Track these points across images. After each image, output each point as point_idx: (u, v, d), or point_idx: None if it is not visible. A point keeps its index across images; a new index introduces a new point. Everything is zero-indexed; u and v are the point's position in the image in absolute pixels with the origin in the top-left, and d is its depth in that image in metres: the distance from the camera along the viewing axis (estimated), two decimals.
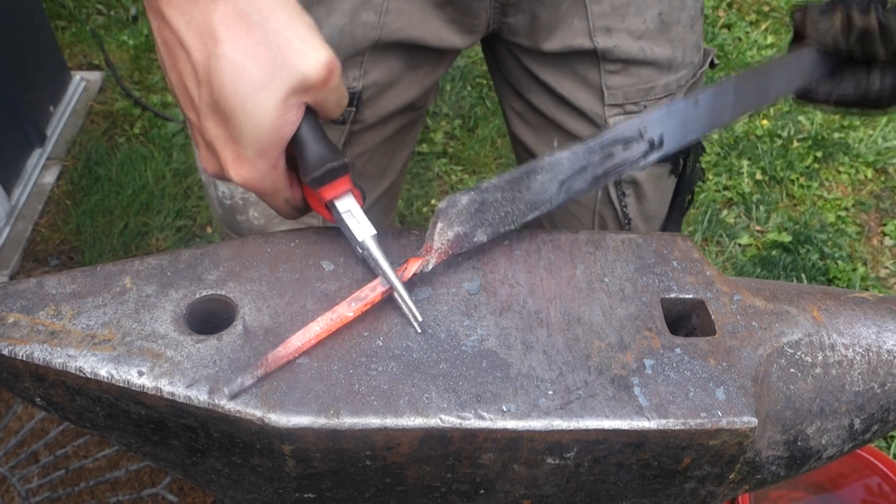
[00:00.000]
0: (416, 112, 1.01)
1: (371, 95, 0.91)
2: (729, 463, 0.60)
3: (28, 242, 2.13)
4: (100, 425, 0.62)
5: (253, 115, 0.56)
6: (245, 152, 0.58)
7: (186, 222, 2.22)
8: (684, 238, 0.71)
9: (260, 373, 0.57)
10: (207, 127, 0.58)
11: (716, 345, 0.62)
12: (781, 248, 2.25)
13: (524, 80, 0.99)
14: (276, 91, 0.55)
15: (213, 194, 1.01)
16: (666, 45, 0.93)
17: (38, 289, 0.62)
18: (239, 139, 0.57)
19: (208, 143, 0.59)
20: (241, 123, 0.56)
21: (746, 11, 3.16)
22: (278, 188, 0.61)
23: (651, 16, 0.91)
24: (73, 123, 2.44)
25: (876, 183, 2.49)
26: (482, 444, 0.57)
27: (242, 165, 0.58)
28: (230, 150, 0.58)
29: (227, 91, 0.55)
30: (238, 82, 0.55)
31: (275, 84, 0.55)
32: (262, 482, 0.62)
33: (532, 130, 1.04)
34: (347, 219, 0.62)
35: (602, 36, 0.90)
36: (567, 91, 0.95)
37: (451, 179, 2.42)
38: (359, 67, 0.87)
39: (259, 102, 0.55)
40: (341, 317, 0.60)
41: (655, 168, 1.00)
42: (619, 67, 0.93)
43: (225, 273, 0.64)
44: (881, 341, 0.68)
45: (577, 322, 0.63)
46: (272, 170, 0.59)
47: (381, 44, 0.86)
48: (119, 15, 2.90)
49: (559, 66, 0.94)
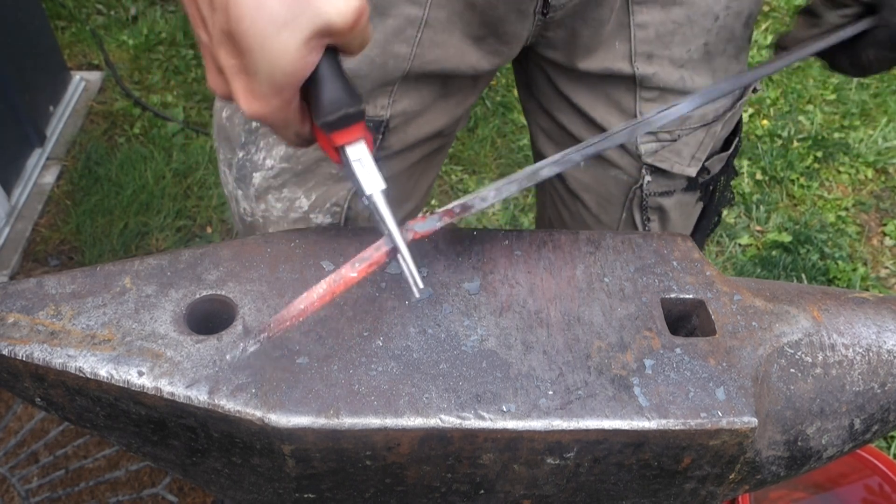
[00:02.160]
0: (445, 138, 0.98)
1: (399, 123, 0.87)
2: (729, 463, 0.60)
3: (28, 242, 2.13)
4: (100, 425, 0.62)
5: (271, 55, 0.52)
6: (259, 87, 0.54)
7: (186, 222, 2.22)
8: (684, 238, 0.71)
9: (263, 336, 0.55)
10: (219, 54, 0.55)
11: (716, 345, 0.62)
12: (781, 248, 2.25)
13: (555, 100, 0.96)
14: (299, 32, 0.51)
15: (235, 210, 0.98)
16: (707, 75, 0.90)
17: (38, 289, 0.62)
18: (254, 74, 0.53)
19: (219, 67, 0.56)
20: (257, 60, 0.52)
21: None
22: (290, 123, 0.58)
23: (696, 45, 0.87)
24: (73, 123, 2.44)
25: (876, 183, 2.49)
26: (482, 444, 0.57)
27: (255, 100, 0.55)
28: (242, 82, 0.55)
29: (244, 25, 0.51)
30: (257, 17, 0.51)
31: (298, 24, 0.51)
32: (262, 482, 0.62)
33: (558, 148, 1.01)
34: (357, 168, 0.59)
35: (643, 62, 0.87)
36: (600, 115, 0.93)
37: (451, 179, 2.42)
38: (388, 96, 0.84)
39: (280, 41, 0.51)
40: (345, 278, 0.57)
41: (683, 195, 0.98)
42: (655, 95, 0.90)
43: (225, 273, 0.64)
44: (881, 341, 0.68)
45: (577, 322, 0.63)
46: (285, 106, 0.56)
47: (413, 75, 0.83)
48: (119, 15, 2.90)
49: (593, 90, 0.92)
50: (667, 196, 0.97)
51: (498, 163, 2.48)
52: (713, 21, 0.86)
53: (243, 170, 0.91)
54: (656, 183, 0.96)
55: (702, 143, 0.94)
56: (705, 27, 0.86)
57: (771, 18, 3.10)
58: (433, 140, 0.95)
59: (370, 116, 0.85)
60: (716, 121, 0.94)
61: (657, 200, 0.97)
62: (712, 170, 0.98)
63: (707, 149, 0.95)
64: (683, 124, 0.93)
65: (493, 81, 2.75)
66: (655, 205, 0.98)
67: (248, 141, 0.89)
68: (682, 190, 0.97)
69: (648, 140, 0.93)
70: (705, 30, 0.87)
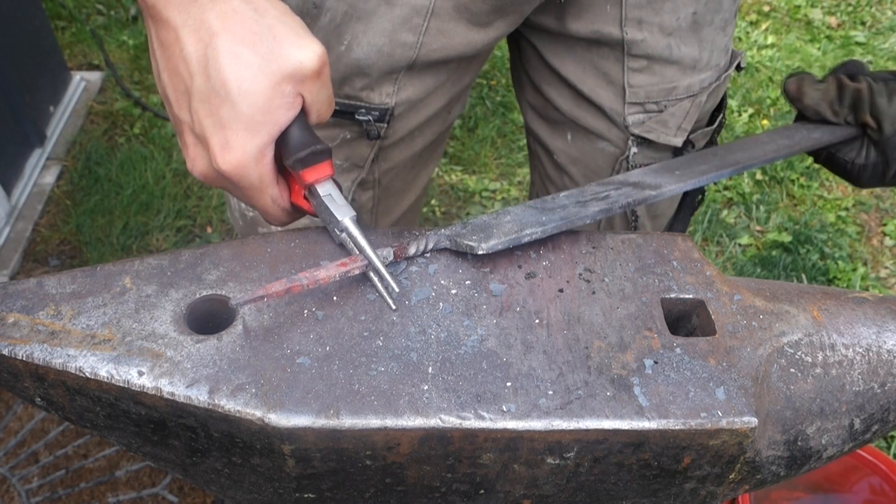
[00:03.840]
0: (444, 125, 1.00)
1: (403, 111, 0.89)
2: (729, 463, 0.60)
3: (28, 242, 2.13)
4: (100, 425, 0.62)
5: (249, 95, 0.57)
6: (235, 136, 0.59)
7: (186, 222, 2.22)
8: (684, 238, 0.71)
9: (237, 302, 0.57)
10: (199, 117, 0.59)
11: (716, 345, 0.62)
12: (781, 248, 2.25)
13: (544, 75, 0.98)
14: (272, 75, 0.58)
15: (235, 205, 1.00)
16: (694, 45, 0.92)
17: (38, 289, 0.62)
18: (230, 122, 0.58)
19: (199, 136, 0.60)
20: (236, 104, 0.58)
21: (746, 11, 3.16)
22: (265, 182, 0.62)
23: (685, 14, 0.89)
24: (73, 123, 2.44)
25: None
26: (482, 444, 0.57)
27: (231, 151, 0.59)
28: (219, 138, 0.59)
29: (224, 74, 0.57)
30: (234, 66, 0.57)
31: (271, 69, 0.58)
32: (262, 482, 0.62)
33: (547, 124, 1.03)
34: (328, 202, 0.63)
35: (633, 27, 0.89)
36: (588, 88, 0.94)
37: (451, 179, 2.42)
38: (393, 84, 0.86)
39: (256, 82, 0.57)
40: (320, 278, 0.60)
41: None
42: (643, 65, 0.91)
43: (225, 273, 0.64)
44: (881, 341, 0.68)
45: (577, 322, 0.63)
46: (260, 157, 0.60)
47: (419, 63, 0.85)
48: (119, 15, 2.90)
49: (581, 61, 0.93)
50: None
51: (498, 163, 2.49)
52: None
53: None
54: (642, 154, 0.97)
55: (688, 114, 0.95)
56: None
57: (771, 18, 3.10)
58: (433, 124, 0.96)
59: (376, 105, 0.86)
60: (701, 91, 0.96)
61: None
62: (697, 144, 1.00)
63: (693, 119, 0.96)
64: (670, 95, 0.94)
65: (493, 81, 2.75)
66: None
67: None
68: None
69: (636, 111, 0.95)
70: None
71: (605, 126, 0.97)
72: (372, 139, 0.89)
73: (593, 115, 0.97)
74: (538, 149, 1.08)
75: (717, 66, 0.96)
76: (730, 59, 0.99)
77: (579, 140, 1.00)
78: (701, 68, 0.94)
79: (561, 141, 1.02)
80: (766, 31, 3.01)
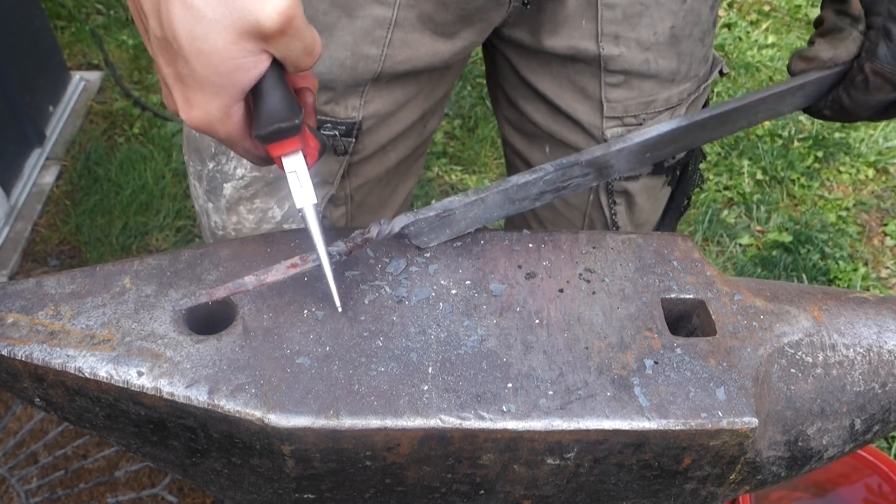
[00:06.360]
0: (419, 139, 0.97)
1: (372, 125, 0.87)
2: (729, 463, 0.60)
3: (27, 242, 2.13)
4: (99, 426, 0.62)
5: (202, 56, 0.53)
6: (194, 95, 0.55)
7: (186, 222, 2.22)
8: (684, 238, 0.71)
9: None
10: (159, 64, 0.56)
11: (716, 345, 0.62)
12: (782, 248, 2.25)
13: (520, 90, 0.96)
14: (227, 32, 0.52)
15: (206, 224, 0.97)
16: (672, 58, 0.90)
17: (38, 289, 0.62)
18: (187, 79, 0.54)
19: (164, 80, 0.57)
20: (190, 63, 0.53)
21: (747, 11, 3.16)
22: (234, 139, 0.59)
23: (663, 28, 0.87)
24: (73, 123, 2.44)
25: (877, 183, 2.49)
26: (482, 444, 0.57)
27: (192, 108, 0.56)
28: (180, 93, 0.56)
29: (174, 26, 0.52)
30: (186, 18, 0.52)
31: (224, 25, 0.52)
32: (262, 483, 0.62)
33: (524, 138, 1.02)
34: (291, 180, 0.61)
35: (609, 42, 0.87)
36: (565, 103, 0.93)
37: (451, 179, 2.42)
38: (359, 97, 0.83)
39: (208, 41, 0.52)
40: (269, 279, 0.61)
41: (650, 179, 0.98)
42: (620, 80, 0.90)
43: (225, 273, 0.64)
44: (882, 341, 0.68)
45: (577, 322, 0.63)
46: (225, 118, 0.56)
47: (385, 76, 0.83)
48: (119, 15, 2.90)
49: (556, 76, 0.92)
50: (633, 180, 0.97)
51: (498, 163, 2.48)
52: (680, 4, 0.86)
53: (214, 181, 0.89)
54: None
55: None
56: (672, 10, 0.86)
57: (771, 18, 3.10)
58: (407, 138, 0.94)
59: (342, 119, 0.84)
60: (681, 103, 0.95)
61: (623, 185, 0.97)
62: (678, 154, 0.98)
63: None
64: (649, 108, 0.93)
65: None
66: (621, 189, 0.98)
67: (219, 151, 0.87)
68: (648, 174, 0.98)
69: (614, 125, 0.93)
70: (672, 12, 0.87)
71: (584, 140, 0.95)
72: (339, 154, 0.87)
73: (571, 129, 0.95)
74: (516, 160, 1.06)
75: (697, 76, 0.95)
76: (710, 68, 0.98)
77: (558, 153, 0.98)
78: (680, 80, 0.93)
79: (539, 154, 1.00)
80: (766, 31, 3.01)
